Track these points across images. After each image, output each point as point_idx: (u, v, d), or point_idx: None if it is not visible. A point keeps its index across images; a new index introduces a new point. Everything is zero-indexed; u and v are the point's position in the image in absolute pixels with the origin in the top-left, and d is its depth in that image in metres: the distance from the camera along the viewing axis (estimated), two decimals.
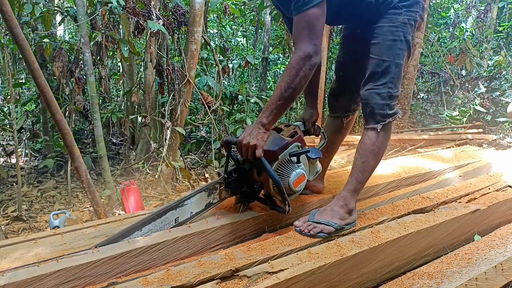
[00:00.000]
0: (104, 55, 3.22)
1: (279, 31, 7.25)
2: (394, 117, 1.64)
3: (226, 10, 4.43)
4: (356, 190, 1.64)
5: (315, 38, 1.45)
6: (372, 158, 1.63)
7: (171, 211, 1.54)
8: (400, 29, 1.58)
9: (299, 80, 1.45)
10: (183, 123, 3.62)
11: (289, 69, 1.46)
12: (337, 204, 1.60)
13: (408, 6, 1.58)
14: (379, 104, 1.60)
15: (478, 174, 2.42)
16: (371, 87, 1.61)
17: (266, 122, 1.50)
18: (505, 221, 1.92)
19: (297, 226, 1.55)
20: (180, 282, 1.15)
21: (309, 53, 1.44)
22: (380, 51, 1.60)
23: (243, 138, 1.49)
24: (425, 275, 1.36)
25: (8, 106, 5.05)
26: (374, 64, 1.61)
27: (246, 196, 1.67)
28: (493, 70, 6.24)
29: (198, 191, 1.61)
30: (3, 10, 1.85)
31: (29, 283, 1.13)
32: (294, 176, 1.54)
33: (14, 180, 3.92)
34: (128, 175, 4.02)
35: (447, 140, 4.85)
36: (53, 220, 2.15)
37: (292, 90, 1.46)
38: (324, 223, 1.52)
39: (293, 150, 1.58)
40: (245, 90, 5.18)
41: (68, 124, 2.30)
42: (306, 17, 1.44)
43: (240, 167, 1.62)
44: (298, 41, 1.47)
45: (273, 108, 1.49)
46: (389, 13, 1.59)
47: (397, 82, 1.61)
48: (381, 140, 1.63)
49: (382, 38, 1.60)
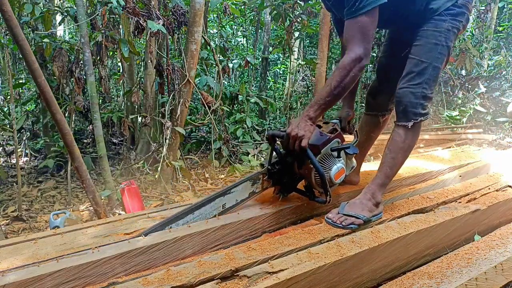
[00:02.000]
0: (104, 55, 3.22)
1: (279, 31, 7.26)
2: (426, 117, 1.71)
3: (226, 10, 4.43)
4: (383, 184, 1.73)
5: (366, 42, 1.54)
6: (402, 155, 1.71)
7: (220, 197, 1.65)
8: (443, 35, 1.65)
9: (349, 80, 1.54)
10: (183, 123, 3.62)
11: (341, 69, 1.54)
12: (365, 197, 1.69)
13: (454, 15, 1.65)
14: (413, 103, 1.66)
15: (478, 174, 2.42)
16: (406, 85, 1.68)
17: (313, 116, 1.59)
18: (505, 221, 1.92)
19: (329, 218, 1.64)
20: (180, 282, 1.15)
21: (360, 56, 1.52)
22: (420, 52, 1.67)
23: (291, 130, 1.57)
24: (425, 275, 1.36)
25: (8, 106, 5.05)
26: (412, 64, 1.68)
27: (286, 187, 1.79)
28: (493, 70, 6.25)
29: (243, 180, 1.73)
30: (3, 10, 1.85)
31: (29, 283, 1.13)
32: (335, 169, 1.67)
33: (14, 180, 3.92)
34: (128, 175, 4.02)
35: (447, 140, 4.85)
36: (53, 220, 2.15)
37: (341, 89, 1.55)
38: (354, 215, 1.61)
39: (334, 145, 1.70)
40: (245, 90, 5.18)
41: (68, 124, 2.30)
42: (359, 22, 1.52)
43: (283, 160, 1.74)
44: (350, 43, 1.55)
45: (321, 104, 1.58)
46: (434, 18, 1.66)
47: (432, 84, 1.68)
48: (410, 138, 1.71)
49: (425, 41, 1.67)
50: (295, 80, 7.64)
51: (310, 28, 5.88)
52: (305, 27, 5.78)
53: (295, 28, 5.97)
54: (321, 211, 1.86)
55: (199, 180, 3.87)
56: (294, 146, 1.58)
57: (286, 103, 6.73)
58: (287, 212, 1.75)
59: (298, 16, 5.66)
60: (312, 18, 6.05)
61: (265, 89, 7.01)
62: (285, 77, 8.96)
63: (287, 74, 7.64)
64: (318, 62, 4.41)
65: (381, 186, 1.73)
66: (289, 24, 5.68)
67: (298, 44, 7.53)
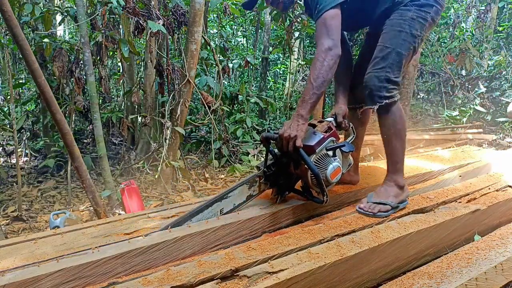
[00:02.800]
0: (104, 55, 3.22)
1: (279, 31, 7.25)
2: (391, 99, 1.75)
3: (226, 10, 4.43)
4: (398, 169, 1.82)
5: (331, 34, 1.64)
6: (395, 139, 1.79)
7: (217, 203, 1.66)
8: (407, 23, 1.74)
9: (325, 69, 1.62)
10: (183, 123, 3.62)
11: (314, 61, 1.64)
12: (388, 184, 1.81)
13: (419, 6, 1.75)
14: (377, 86, 1.74)
15: (478, 174, 2.42)
16: (371, 70, 1.77)
17: (303, 113, 1.64)
18: (505, 221, 1.92)
19: (361, 208, 1.75)
20: (180, 282, 1.15)
21: (329, 46, 1.63)
22: (385, 39, 1.77)
23: (284, 131, 1.61)
24: (425, 275, 1.36)
25: (8, 106, 5.05)
26: (377, 50, 1.78)
27: (283, 189, 1.80)
28: (493, 70, 6.24)
29: (240, 184, 1.74)
30: (3, 10, 1.85)
31: (29, 283, 1.13)
32: (331, 169, 1.69)
33: (14, 180, 3.92)
34: (128, 175, 4.01)
35: (447, 140, 4.85)
36: (53, 220, 2.15)
37: (321, 80, 1.62)
38: (382, 202, 1.72)
39: (329, 145, 1.73)
40: (245, 90, 5.18)
41: (68, 124, 2.29)
42: (322, 19, 1.66)
43: (278, 161, 1.76)
44: (318, 39, 1.67)
45: (307, 99, 1.64)
46: (400, 8, 1.77)
47: (396, 68, 1.74)
48: (392, 123, 1.77)
49: (390, 28, 1.77)
50: (295, 80, 7.64)
51: (310, 28, 5.88)
52: (305, 27, 5.77)
53: (295, 28, 5.97)
54: (321, 211, 1.86)
55: (199, 180, 3.87)
56: (288, 147, 1.61)
57: (286, 103, 6.73)
58: (287, 212, 1.75)
59: (298, 16, 5.66)
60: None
61: (265, 89, 7.01)
62: (285, 77, 8.96)
63: (287, 74, 7.64)
64: None
65: (397, 171, 1.82)
66: (289, 24, 5.67)
67: (298, 44, 7.53)
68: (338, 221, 1.65)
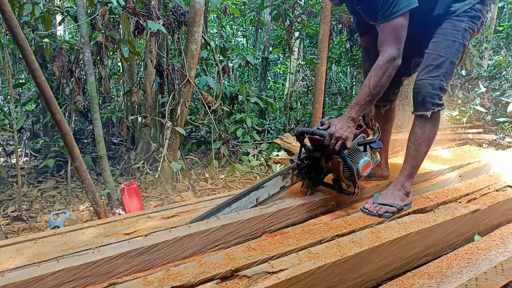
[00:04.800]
0: (104, 55, 3.22)
1: (279, 31, 7.25)
2: (442, 107, 1.81)
3: (226, 10, 4.43)
4: (411, 175, 1.85)
5: (399, 43, 1.66)
6: (424, 146, 1.82)
7: (254, 191, 1.75)
8: (460, 33, 1.77)
9: (385, 79, 1.66)
10: (183, 123, 3.62)
11: (377, 69, 1.65)
12: (396, 188, 1.83)
13: (471, 17, 1.78)
14: (431, 93, 1.76)
15: (478, 174, 2.42)
16: (425, 77, 1.78)
17: (355, 117, 1.69)
18: (505, 221, 1.92)
19: (366, 208, 1.77)
20: (180, 282, 1.15)
21: (394, 56, 1.65)
22: (439, 48, 1.78)
23: (335, 131, 1.66)
24: (425, 275, 1.36)
25: (8, 106, 5.05)
26: (431, 58, 1.79)
27: (313, 181, 1.90)
28: (493, 70, 6.24)
29: (275, 175, 1.84)
30: (3, 10, 1.85)
31: (29, 283, 1.13)
32: (362, 162, 1.79)
33: (14, 180, 3.92)
34: (128, 175, 4.02)
35: (447, 140, 4.85)
36: (53, 220, 2.15)
37: (380, 88, 1.66)
38: (388, 204, 1.74)
39: (360, 140, 1.83)
40: (245, 90, 5.18)
41: (68, 124, 2.29)
42: (393, 25, 1.65)
43: (311, 155, 1.85)
44: (384, 45, 1.67)
45: (362, 104, 1.68)
46: (453, 18, 1.79)
47: (449, 77, 1.80)
48: (430, 128, 1.81)
49: (443, 38, 1.79)
50: (295, 80, 7.64)
51: (310, 28, 5.88)
52: (305, 27, 5.78)
53: (295, 28, 5.97)
54: (319, 211, 1.86)
55: (199, 180, 3.87)
56: (335, 146, 1.66)
57: (286, 103, 6.72)
58: (287, 212, 1.75)
59: (298, 16, 5.66)
60: (312, 18, 6.05)
61: (265, 89, 7.01)
62: (285, 77, 8.96)
63: (287, 74, 7.64)
64: (318, 62, 4.41)
65: (409, 177, 1.85)
66: (289, 24, 5.68)
67: (298, 44, 7.53)
68: (338, 221, 1.65)
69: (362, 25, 2.02)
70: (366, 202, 1.83)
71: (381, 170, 2.18)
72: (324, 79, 4.56)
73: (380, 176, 2.19)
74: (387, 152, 2.25)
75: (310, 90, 7.68)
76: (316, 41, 5.56)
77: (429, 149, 1.86)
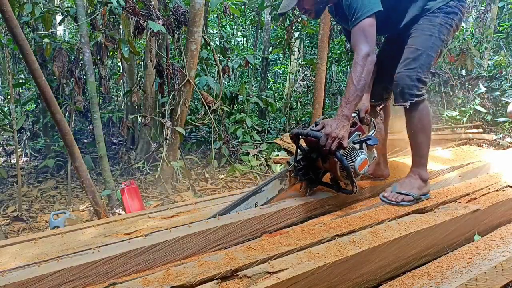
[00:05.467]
0: (104, 55, 3.22)
1: (279, 31, 7.25)
2: (422, 98, 1.88)
3: (226, 10, 4.43)
4: (423, 163, 1.94)
5: (370, 41, 1.75)
6: (421, 135, 1.90)
7: (252, 197, 1.78)
8: (436, 28, 1.87)
9: (365, 73, 1.74)
10: (183, 123, 3.62)
11: (355, 66, 1.74)
12: (413, 176, 1.92)
13: (446, 13, 1.88)
14: (408, 85, 1.85)
15: (478, 174, 2.42)
16: (403, 70, 1.88)
17: (348, 114, 1.74)
18: (505, 221, 1.92)
19: (384, 197, 1.88)
20: (180, 282, 1.15)
21: (368, 52, 1.73)
22: (415, 42, 1.89)
23: (331, 131, 1.70)
24: (425, 275, 1.36)
25: (8, 106, 5.05)
26: (408, 52, 1.89)
27: (311, 182, 1.92)
28: (493, 70, 6.24)
29: (272, 178, 1.86)
30: (3, 10, 1.85)
31: (29, 283, 1.13)
32: (358, 161, 1.80)
33: (14, 180, 3.92)
34: (128, 175, 4.02)
35: (447, 140, 4.85)
36: (53, 220, 2.15)
37: (363, 82, 1.73)
38: (404, 193, 1.84)
39: (356, 138, 1.84)
40: (245, 90, 5.17)
41: (68, 124, 2.29)
42: (360, 27, 1.76)
43: (307, 156, 1.88)
44: (357, 45, 1.77)
45: (351, 100, 1.74)
46: (428, 15, 1.89)
47: (426, 69, 1.87)
48: (419, 118, 1.88)
49: (420, 33, 1.89)
50: (295, 80, 7.64)
51: (310, 28, 5.88)
52: (305, 27, 5.78)
53: (295, 28, 5.97)
54: (318, 212, 1.86)
55: (199, 180, 3.87)
56: (331, 146, 1.70)
57: (286, 103, 6.72)
58: (287, 212, 1.75)
59: (298, 16, 5.65)
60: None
61: (265, 89, 7.00)
62: (285, 77, 8.95)
63: (287, 74, 7.64)
64: (318, 62, 4.41)
65: (421, 165, 1.93)
66: (289, 24, 5.67)
67: (298, 44, 7.52)
68: (338, 221, 1.65)
69: (346, 32, 2.17)
70: (385, 191, 1.93)
71: (381, 170, 2.22)
72: (324, 79, 4.56)
73: (380, 176, 2.22)
74: (385, 152, 2.27)
75: (310, 90, 7.68)
76: (316, 41, 5.55)
77: (429, 136, 1.93)
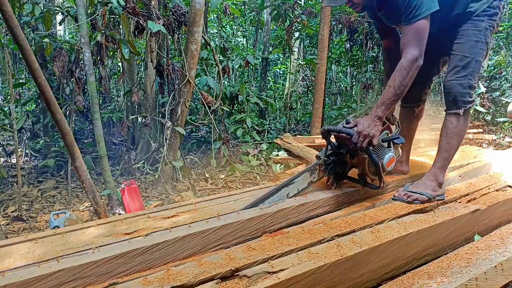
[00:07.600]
0: (104, 55, 3.22)
1: (279, 31, 7.25)
2: (473, 103, 1.92)
3: (226, 10, 4.43)
4: (443, 167, 1.94)
5: (421, 45, 1.73)
6: (456, 139, 1.92)
7: (284, 188, 1.86)
8: (482, 33, 1.87)
9: (409, 79, 1.74)
10: (183, 123, 3.63)
11: (401, 70, 1.73)
12: (429, 178, 1.92)
13: (490, 15, 1.87)
14: (461, 93, 1.87)
15: (478, 174, 2.42)
16: (453, 78, 1.88)
17: (381, 116, 1.77)
18: (505, 221, 1.92)
19: (396, 196, 1.90)
20: (180, 282, 1.15)
21: (417, 57, 1.72)
22: (463, 49, 1.88)
23: (363, 129, 1.74)
24: (425, 275, 1.36)
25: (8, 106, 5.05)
26: (457, 59, 1.89)
27: (339, 176, 2.00)
28: (493, 70, 6.24)
29: (303, 171, 1.94)
30: (3, 10, 1.85)
31: (29, 283, 1.13)
32: (387, 158, 1.88)
33: (14, 180, 3.92)
34: (128, 175, 4.02)
35: None
36: (53, 220, 2.15)
37: (404, 87, 1.74)
38: (418, 193, 1.84)
39: (384, 137, 1.90)
40: (245, 90, 5.18)
41: (68, 124, 2.30)
42: (415, 27, 1.73)
43: (336, 152, 1.95)
44: (407, 47, 1.74)
45: (388, 104, 1.76)
46: (473, 19, 1.87)
47: (476, 75, 1.89)
48: (462, 123, 1.91)
49: (466, 39, 1.88)
50: (295, 80, 7.64)
51: (310, 28, 5.88)
52: (305, 27, 5.78)
53: (295, 28, 5.97)
54: (318, 212, 1.86)
55: (199, 180, 3.87)
56: (362, 143, 1.74)
57: (286, 103, 6.73)
58: (287, 212, 1.75)
59: (298, 16, 5.66)
60: (312, 18, 6.05)
61: (265, 89, 7.01)
62: (285, 77, 8.96)
63: (287, 74, 7.64)
64: (318, 62, 4.42)
65: (442, 168, 1.94)
66: (289, 24, 5.68)
67: (298, 44, 7.53)
68: (338, 221, 1.65)
69: (383, 29, 2.11)
70: (397, 191, 1.95)
71: (401, 166, 2.25)
72: (324, 79, 4.57)
73: (400, 171, 2.25)
74: (409, 149, 2.31)
75: (310, 90, 7.68)
76: (316, 41, 5.55)
77: (461, 142, 1.95)
